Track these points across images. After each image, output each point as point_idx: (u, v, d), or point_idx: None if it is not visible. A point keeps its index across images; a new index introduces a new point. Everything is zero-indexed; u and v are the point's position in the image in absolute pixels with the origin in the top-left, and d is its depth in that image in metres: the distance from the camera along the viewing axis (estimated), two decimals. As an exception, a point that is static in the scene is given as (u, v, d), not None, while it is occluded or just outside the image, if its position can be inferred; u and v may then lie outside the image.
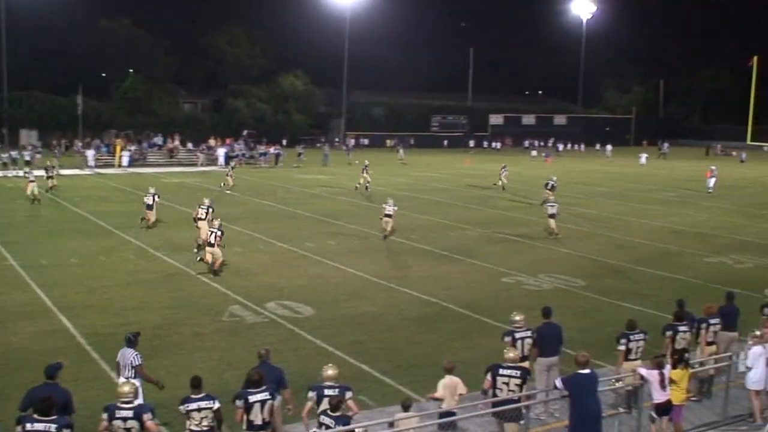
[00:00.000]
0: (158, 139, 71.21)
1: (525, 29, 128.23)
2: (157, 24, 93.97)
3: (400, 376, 14.85)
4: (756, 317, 15.54)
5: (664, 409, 11.76)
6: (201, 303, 19.93)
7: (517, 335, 12.90)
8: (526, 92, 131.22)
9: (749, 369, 12.97)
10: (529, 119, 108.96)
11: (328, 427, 9.82)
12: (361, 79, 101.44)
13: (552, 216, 31.19)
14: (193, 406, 9.98)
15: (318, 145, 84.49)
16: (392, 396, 13.23)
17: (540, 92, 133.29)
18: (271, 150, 68.35)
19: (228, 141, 72.90)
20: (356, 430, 10.08)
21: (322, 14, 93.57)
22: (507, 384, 11.25)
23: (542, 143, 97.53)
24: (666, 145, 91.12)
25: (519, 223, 33.93)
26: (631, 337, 13.13)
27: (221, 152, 65.38)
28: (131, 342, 12.21)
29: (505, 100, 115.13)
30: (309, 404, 10.49)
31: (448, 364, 11.61)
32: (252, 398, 10.04)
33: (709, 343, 14.35)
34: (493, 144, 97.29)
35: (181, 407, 10.04)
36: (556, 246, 28.85)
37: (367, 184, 45.69)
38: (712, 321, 14.38)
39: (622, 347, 13.07)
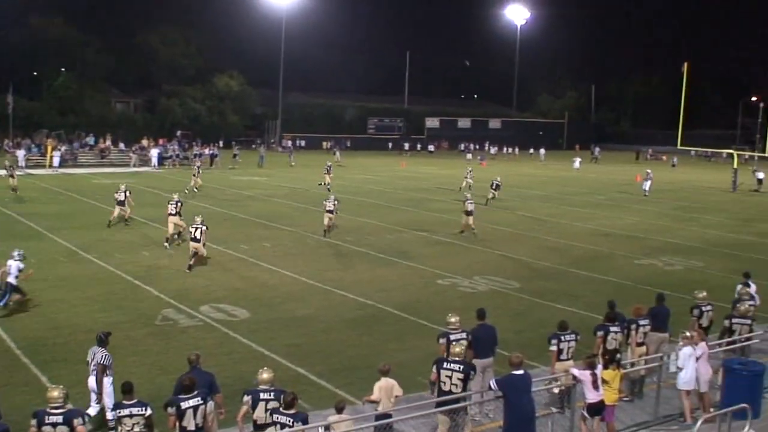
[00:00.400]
0: (90, 139, 69.83)
1: (461, 34, 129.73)
2: (90, 22, 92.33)
3: (336, 379, 14.81)
4: (686, 318, 15.91)
5: (597, 409, 11.93)
6: (133, 306, 19.60)
7: (452, 337, 12.96)
8: (462, 96, 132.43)
9: (680, 369, 13.18)
10: (464, 123, 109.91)
11: (283, 425, 9.83)
12: (297, 80, 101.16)
13: (469, 213, 31.72)
14: (125, 412, 9.84)
15: (254, 146, 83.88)
16: (328, 399, 13.17)
17: (475, 96, 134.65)
18: (207, 151, 67.63)
19: (161, 141, 71.87)
20: (320, 429, 10.18)
21: (259, 15, 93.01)
22: (450, 378, 11.49)
23: (477, 146, 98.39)
24: (598, 149, 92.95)
25: (455, 226, 34.14)
26: (563, 337, 13.30)
27: (154, 153, 64.40)
28: (102, 341, 12.30)
29: (441, 103, 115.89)
30: (244, 408, 10.39)
31: (384, 367, 11.62)
32: (184, 404, 9.90)
33: (639, 344, 14.58)
34: (429, 147, 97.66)
35: (113, 413, 9.84)
36: (491, 248, 29.12)
37: (328, 186, 46.84)
38: (642, 322, 14.63)
39: (554, 348, 13.24)
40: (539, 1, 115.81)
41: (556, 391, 12.73)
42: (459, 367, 11.54)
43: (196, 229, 24.10)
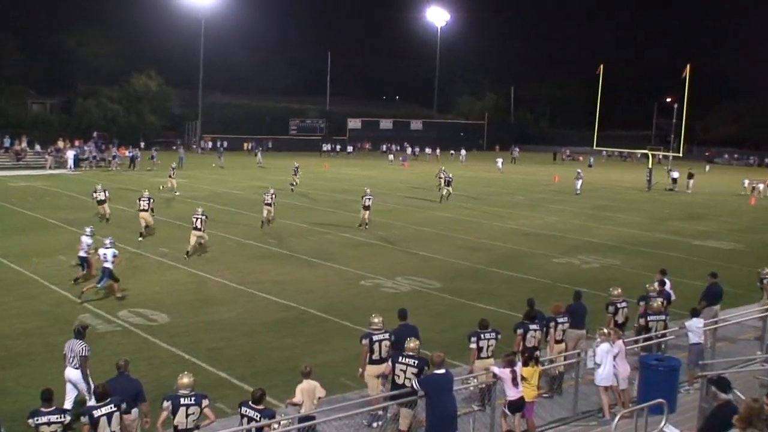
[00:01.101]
0: (5, 141, 67.81)
1: (382, 35, 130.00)
2: (4, 21, 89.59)
3: (258, 382, 14.66)
4: (602, 315, 16.29)
5: (517, 405, 12.12)
6: (51, 312, 19.14)
7: (375, 337, 13.02)
8: (384, 97, 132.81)
9: (598, 366, 13.45)
10: (386, 124, 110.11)
11: (251, 419, 10.06)
12: (217, 80, 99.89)
13: (366, 208, 33.28)
14: (43, 419, 9.64)
15: (174, 147, 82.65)
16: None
17: (397, 97, 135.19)
18: (127, 153, 66.35)
19: (77, 143, 70.19)
20: (282, 422, 10.23)
21: (178, 14, 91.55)
22: (404, 371, 11.92)
23: (398, 147, 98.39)
24: (517, 150, 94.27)
25: (378, 227, 34.26)
26: (482, 335, 13.46)
27: (70, 154, 62.78)
28: (80, 334, 12.85)
29: (363, 104, 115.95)
30: (164, 414, 10.23)
31: (306, 368, 11.60)
32: (97, 413, 9.71)
33: (558, 341, 14.86)
34: (348, 148, 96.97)
35: (30, 420, 9.70)
36: (413, 249, 29.32)
37: (293, 186, 48.36)
38: (560, 320, 14.91)
39: (474, 345, 13.39)
40: (459, 3, 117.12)
41: (472, 389, 12.88)
42: (413, 362, 11.93)
43: (197, 219, 26.45)
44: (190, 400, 10.15)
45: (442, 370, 11.24)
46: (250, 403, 10.18)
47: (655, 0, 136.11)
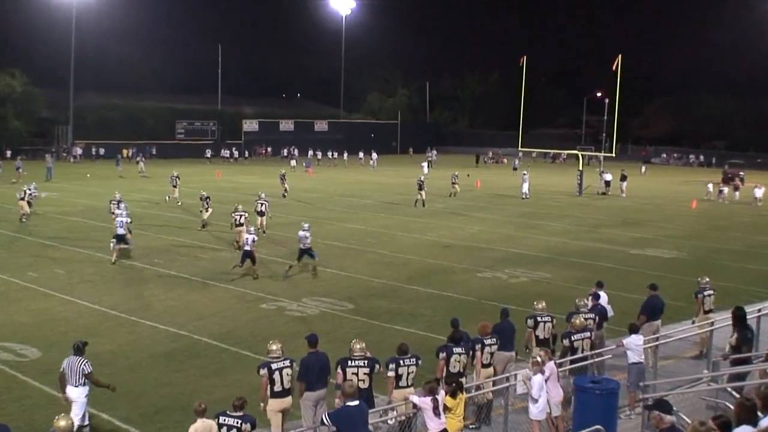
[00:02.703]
0: None
1: (279, 25, 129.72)
2: None
3: (146, 424, 14.47)
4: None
5: (441, 438, 12.14)
6: None
7: (274, 366, 12.96)
8: (284, 95, 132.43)
9: (534, 401, 13.38)
10: (287, 125, 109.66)
11: (231, 427, 11.08)
12: (92, 78, 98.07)
13: (261, 214, 36.03)
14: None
15: (47, 156, 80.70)
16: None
17: (299, 95, 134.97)
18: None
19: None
20: None
21: (45, 5, 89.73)
22: (356, 374, 13.00)
23: (298, 152, 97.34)
24: (434, 152, 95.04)
25: (280, 241, 34.09)
26: (401, 362, 13.47)
27: None
28: (79, 350, 13.77)
29: (260, 103, 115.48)
30: None
31: (200, 406, 11.45)
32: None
33: (485, 365, 14.95)
34: (234, 154, 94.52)
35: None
36: (321, 266, 29.24)
37: (286, 193, 51.85)
38: (488, 341, 14.96)
39: (392, 373, 13.40)
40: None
41: (391, 422, 12.89)
42: (363, 363, 13.11)
43: (240, 216, 32.24)
44: None
45: (355, 402, 11.23)
46: (228, 412, 11.24)
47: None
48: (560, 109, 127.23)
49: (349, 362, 13.05)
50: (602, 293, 18.78)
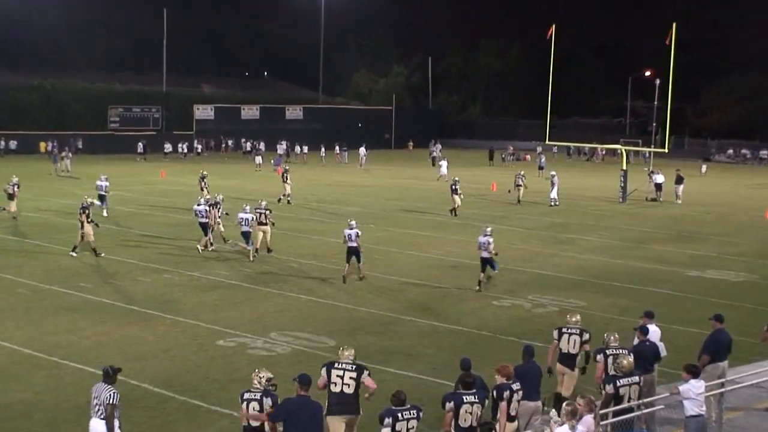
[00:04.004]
0: None
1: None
2: None
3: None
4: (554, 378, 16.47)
5: None
6: None
7: (246, 395, 13.96)
8: (246, 74, 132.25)
9: None
10: (251, 112, 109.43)
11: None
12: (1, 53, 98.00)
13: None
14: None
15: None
16: None
17: (266, 74, 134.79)
18: None
19: None
20: None
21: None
22: (341, 377, 14.81)
23: (262, 145, 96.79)
24: (438, 147, 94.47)
25: (243, 260, 33.99)
26: (399, 415, 13.40)
27: None
28: (109, 376, 14.20)
29: (216, 84, 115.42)
30: None
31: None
32: None
33: (511, 418, 14.85)
34: (180, 148, 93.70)
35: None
36: (294, 292, 29.20)
37: (289, 197, 53.35)
38: (515, 387, 14.87)
39: (387, 429, 13.33)
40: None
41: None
42: (351, 367, 14.93)
43: (261, 214, 35.26)
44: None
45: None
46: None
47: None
48: (599, 92, 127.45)
49: (336, 365, 14.97)
50: (652, 326, 18.70)
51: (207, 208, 36.78)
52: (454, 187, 50.33)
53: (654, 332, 18.58)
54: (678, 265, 36.39)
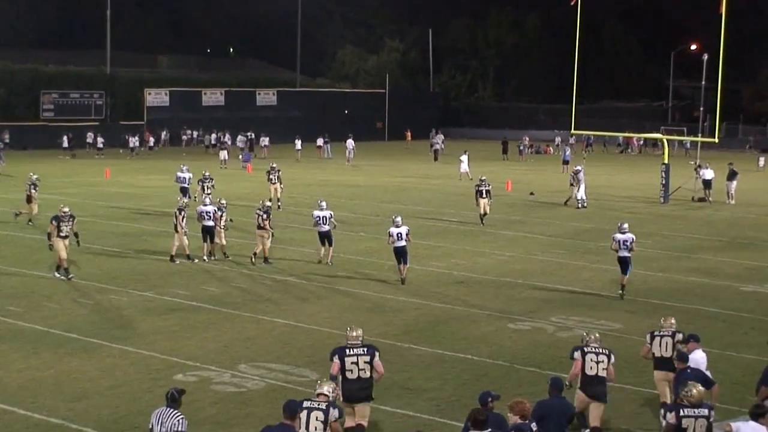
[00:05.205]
0: None
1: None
2: None
3: None
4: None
5: None
6: None
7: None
8: (208, 50, 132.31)
9: None
10: (214, 97, 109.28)
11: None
12: None
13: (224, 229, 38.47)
14: None
15: None
16: None
17: (231, 50, 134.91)
18: None
19: None
20: None
21: None
22: (356, 363, 16.93)
23: (228, 137, 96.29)
24: (441, 138, 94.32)
25: (206, 277, 34.03)
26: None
27: None
28: (175, 400, 14.53)
29: (173, 64, 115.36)
30: None
31: None
32: None
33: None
34: (132, 141, 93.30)
35: None
36: (269, 315, 29.21)
37: (279, 202, 53.44)
38: (533, 427, 14.81)
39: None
40: None
41: None
42: (363, 350, 17.16)
43: (258, 216, 36.34)
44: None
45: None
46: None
47: None
48: (634, 70, 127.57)
49: (347, 351, 16.98)
50: (698, 353, 18.68)
51: (215, 209, 37.83)
52: (479, 188, 48.88)
53: (699, 360, 18.54)
54: (731, 278, 36.44)
